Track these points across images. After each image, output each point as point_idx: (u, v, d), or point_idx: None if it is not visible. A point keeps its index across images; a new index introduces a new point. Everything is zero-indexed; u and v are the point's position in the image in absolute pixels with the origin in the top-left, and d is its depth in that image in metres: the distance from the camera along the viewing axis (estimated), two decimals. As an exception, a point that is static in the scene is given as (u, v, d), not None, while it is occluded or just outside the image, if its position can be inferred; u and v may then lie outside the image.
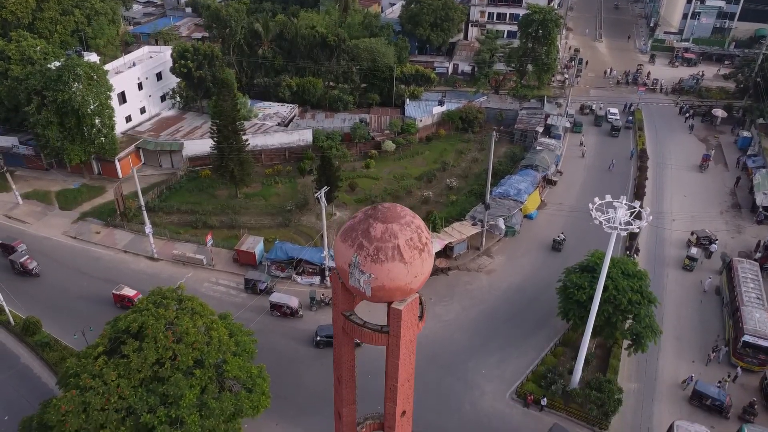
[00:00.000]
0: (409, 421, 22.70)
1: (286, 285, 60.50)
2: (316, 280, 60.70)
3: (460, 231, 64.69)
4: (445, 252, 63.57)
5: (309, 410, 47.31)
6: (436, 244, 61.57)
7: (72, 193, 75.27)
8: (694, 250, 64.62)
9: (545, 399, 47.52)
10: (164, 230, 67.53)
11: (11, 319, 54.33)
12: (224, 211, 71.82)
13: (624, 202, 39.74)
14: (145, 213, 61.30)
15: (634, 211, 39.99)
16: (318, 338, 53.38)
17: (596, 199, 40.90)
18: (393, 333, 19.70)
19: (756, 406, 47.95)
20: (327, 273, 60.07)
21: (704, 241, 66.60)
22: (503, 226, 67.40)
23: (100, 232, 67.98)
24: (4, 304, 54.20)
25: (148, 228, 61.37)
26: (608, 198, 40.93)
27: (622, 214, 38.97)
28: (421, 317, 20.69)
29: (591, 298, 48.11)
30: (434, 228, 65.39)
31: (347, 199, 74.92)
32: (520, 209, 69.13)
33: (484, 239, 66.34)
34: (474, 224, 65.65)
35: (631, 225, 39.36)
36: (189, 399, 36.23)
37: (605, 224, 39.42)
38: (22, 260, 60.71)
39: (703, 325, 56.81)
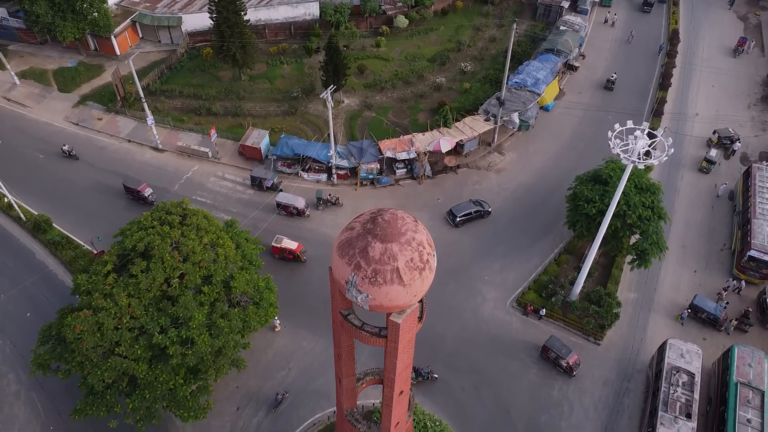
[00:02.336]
0: (407, 397, 23.40)
1: (292, 181, 59.90)
2: (323, 177, 59.94)
3: (472, 127, 62.38)
4: (456, 149, 61.81)
5: (314, 314, 48.99)
6: (446, 144, 59.80)
7: (70, 72, 72.21)
8: (713, 152, 62.41)
9: (544, 309, 48.85)
10: (167, 118, 65.61)
11: (21, 215, 54.85)
12: (228, 96, 69.17)
13: (646, 129, 37.38)
14: (145, 105, 59.13)
15: (654, 142, 37.76)
16: (458, 219, 55.53)
17: (616, 126, 38.50)
18: (391, 339, 19.49)
19: (750, 317, 49.23)
20: (333, 171, 59.11)
21: (726, 141, 64.11)
22: (517, 121, 64.78)
23: (102, 118, 66.20)
24: (11, 199, 54.41)
25: (150, 120, 59.55)
26: (630, 123, 38.46)
27: (641, 145, 36.82)
28: (420, 318, 20.36)
29: (600, 212, 47.58)
30: (445, 122, 63.05)
31: (356, 83, 71.57)
32: (537, 102, 65.94)
33: (496, 135, 64.16)
34: (487, 119, 63.12)
35: (650, 157, 37.43)
36: (198, 320, 37.41)
37: (623, 156, 37.48)
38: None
39: (710, 233, 56.52)
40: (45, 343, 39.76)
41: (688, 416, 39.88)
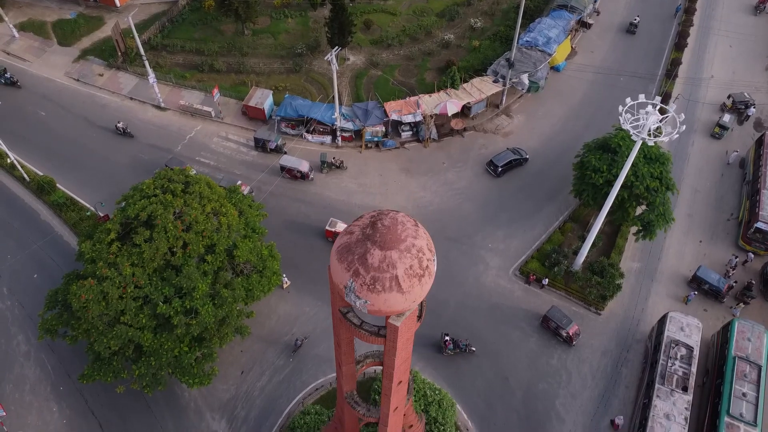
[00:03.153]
0: (405, 385, 23.68)
1: (296, 143, 59.21)
2: (327, 139, 59.14)
3: (480, 89, 60.97)
4: (462, 111, 60.61)
5: (319, 279, 49.26)
6: (452, 107, 58.61)
7: (69, 24, 70.50)
8: (726, 117, 60.95)
9: (547, 279, 48.96)
10: (168, 75, 64.37)
11: (25, 175, 54.70)
12: (230, 52, 67.58)
13: (658, 105, 36.35)
14: (146, 63, 57.85)
15: (665, 118, 36.77)
16: (500, 168, 56.52)
17: (628, 100, 37.42)
18: (390, 339, 19.52)
19: (753, 289, 49.25)
20: (338, 133, 58.26)
21: (740, 106, 62.50)
22: (527, 82, 63.17)
23: (103, 74, 65.01)
24: (14, 159, 54.19)
25: (152, 78, 58.40)
26: (642, 98, 37.30)
27: (653, 121, 35.87)
28: (420, 317, 20.32)
29: (608, 183, 46.99)
30: (452, 84, 61.60)
31: (362, 39, 69.66)
32: (547, 62, 64.13)
33: (504, 97, 62.76)
34: (495, 81, 61.59)
35: (660, 135, 36.53)
36: (202, 290, 37.73)
37: (632, 132, 36.60)
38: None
39: (718, 202, 55.88)
40: (52, 308, 40.35)
41: (685, 389, 40.46)
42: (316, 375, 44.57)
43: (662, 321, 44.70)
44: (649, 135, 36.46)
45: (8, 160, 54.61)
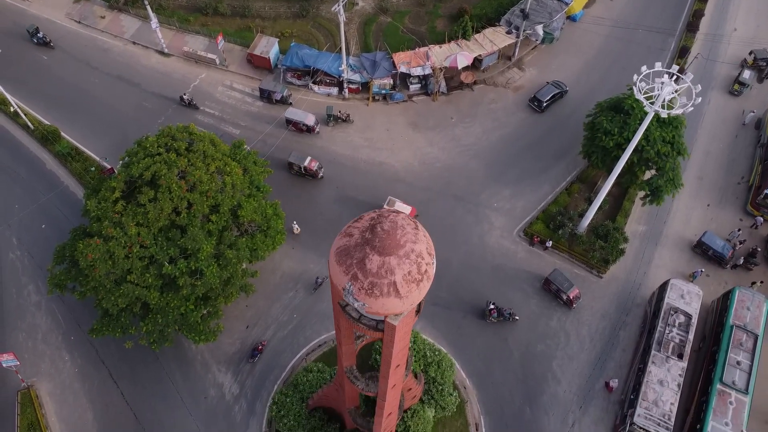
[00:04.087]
0: (403, 367, 24.19)
1: (302, 94, 58.08)
2: (334, 91, 57.92)
3: (492, 40, 58.97)
4: (473, 64, 58.89)
5: (323, 235, 49.58)
6: (463, 60, 56.93)
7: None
8: (747, 74, 58.96)
9: (550, 242, 48.99)
10: (172, 18, 62.50)
11: (29, 123, 54.26)
12: (235, -7, 65.26)
13: (674, 75, 35.13)
14: (148, 6, 56.01)
15: (680, 89, 35.61)
16: (544, 103, 56.85)
17: (643, 68, 36.15)
18: (387, 335, 19.75)
19: (757, 256, 49.19)
20: (345, 85, 57.00)
21: (762, 62, 60.30)
22: (541, 33, 60.90)
23: (104, 16, 63.19)
24: (16, 107, 53.61)
25: (154, 23, 56.75)
26: (658, 66, 36.04)
27: (668, 92, 34.78)
28: (418, 311, 20.46)
29: (618, 146, 46.20)
30: (464, 34, 59.53)
31: (372, -20, 66.86)
32: (564, 12, 61.63)
33: (517, 49, 60.78)
34: (509, 32, 59.46)
35: (674, 107, 35.48)
36: (206, 251, 38.09)
37: (645, 103, 35.55)
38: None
39: (730, 164, 54.93)
40: (60, 263, 41.02)
41: (680, 357, 41.20)
42: (319, 331, 45.60)
43: (663, 287, 44.96)
44: (663, 106, 35.41)
45: (11, 109, 54.00)
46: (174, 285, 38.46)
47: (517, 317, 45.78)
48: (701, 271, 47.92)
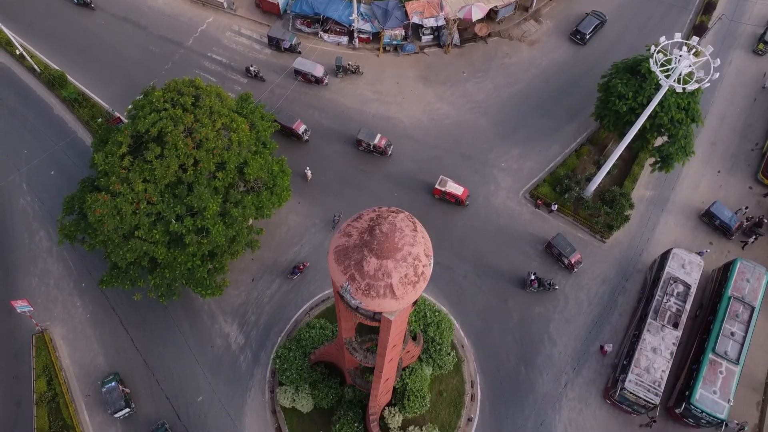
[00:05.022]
0: (400, 345, 24.95)
1: (312, 42, 56.75)
2: (344, 40, 56.54)
3: (510, -10, 56.81)
4: (488, 15, 57.01)
5: (329, 190, 49.79)
6: (478, 11, 55.18)
7: None
8: (772, 33, 56.89)
9: (556, 205, 48.96)
10: (179, -45, 60.36)
11: (35, 66, 53.68)
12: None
13: (693, 49, 34.01)
14: (154, -54, 54.20)
15: (699, 62, 34.54)
16: (587, 36, 56.88)
17: (662, 38, 34.97)
18: (384, 327, 20.27)
19: (763, 226, 49.08)
20: (355, 35, 55.57)
21: (789, 22, 58.05)
22: (561, -17, 58.62)
23: (109, -48, 61.05)
24: (21, 50, 52.87)
25: (160, -37, 55.02)
26: (677, 36, 34.81)
27: (685, 65, 33.78)
28: (415, 303, 20.87)
29: (631, 110, 45.37)
30: (481, -17, 57.28)
31: None
32: (586, -39, 59.04)
33: (535, -1, 58.69)
34: (527, -18, 57.20)
35: (690, 81, 34.51)
36: (213, 209, 38.47)
37: (661, 76, 34.60)
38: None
39: (745, 129, 53.90)
40: (69, 213, 41.68)
41: (675, 326, 41.96)
42: (322, 287, 46.58)
43: (665, 256, 45.20)
44: (678, 81, 34.50)
45: (17, 51, 53.27)
46: (181, 242, 39.14)
47: (557, 287, 46.20)
48: (707, 251, 47.91)
